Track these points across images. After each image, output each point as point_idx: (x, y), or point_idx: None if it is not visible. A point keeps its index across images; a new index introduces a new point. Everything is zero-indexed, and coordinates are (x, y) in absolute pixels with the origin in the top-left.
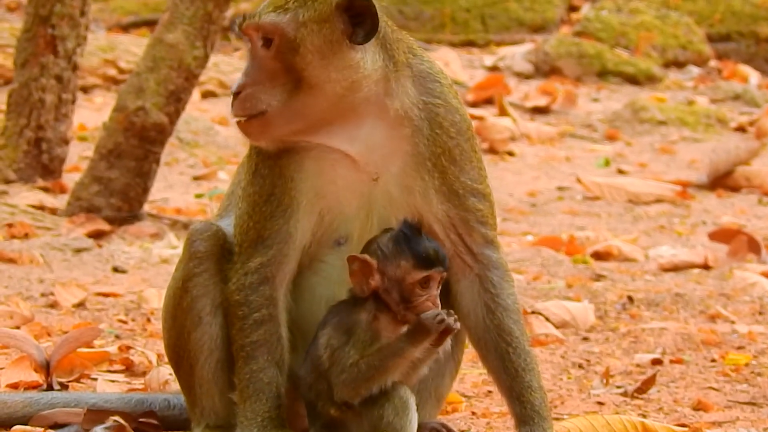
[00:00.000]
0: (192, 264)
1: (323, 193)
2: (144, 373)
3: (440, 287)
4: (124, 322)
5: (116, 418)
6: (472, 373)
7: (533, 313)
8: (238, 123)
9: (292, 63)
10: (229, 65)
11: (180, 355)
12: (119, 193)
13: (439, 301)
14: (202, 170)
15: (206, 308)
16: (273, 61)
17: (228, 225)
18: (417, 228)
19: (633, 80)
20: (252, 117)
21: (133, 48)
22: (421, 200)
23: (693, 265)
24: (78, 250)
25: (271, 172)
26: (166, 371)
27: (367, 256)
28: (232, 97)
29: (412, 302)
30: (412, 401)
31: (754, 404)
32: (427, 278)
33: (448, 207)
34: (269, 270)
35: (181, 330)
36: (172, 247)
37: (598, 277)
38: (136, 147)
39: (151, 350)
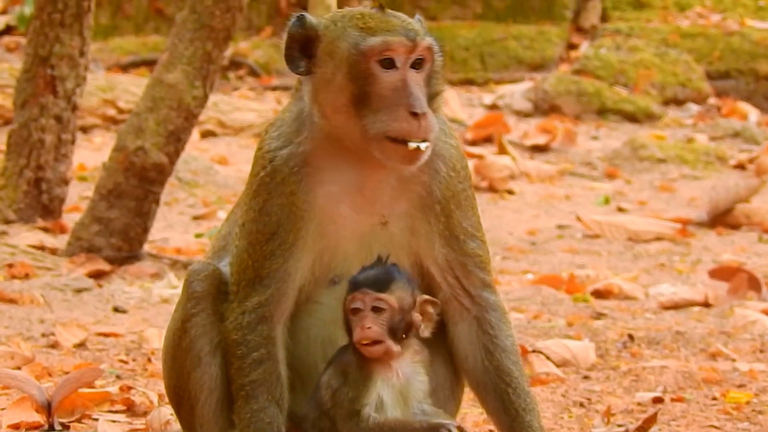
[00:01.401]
0: (190, 304)
1: (326, 232)
2: (145, 413)
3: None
4: (125, 362)
5: None
6: (472, 412)
7: (534, 351)
8: (415, 147)
9: (427, 87)
10: (228, 105)
11: (180, 395)
12: (119, 233)
13: (370, 328)
14: (201, 210)
15: (205, 348)
16: (420, 84)
17: (225, 266)
18: (380, 259)
19: (632, 118)
20: (427, 141)
21: (132, 88)
22: (425, 243)
23: (693, 303)
24: (78, 290)
25: (280, 210)
26: (168, 411)
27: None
28: (411, 116)
29: (398, 336)
30: None
31: None
32: (356, 305)
33: (448, 251)
34: (267, 309)
35: (181, 370)
36: (172, 287)
37: (599, 316)
38: (136, 187)
39: (152, 390)
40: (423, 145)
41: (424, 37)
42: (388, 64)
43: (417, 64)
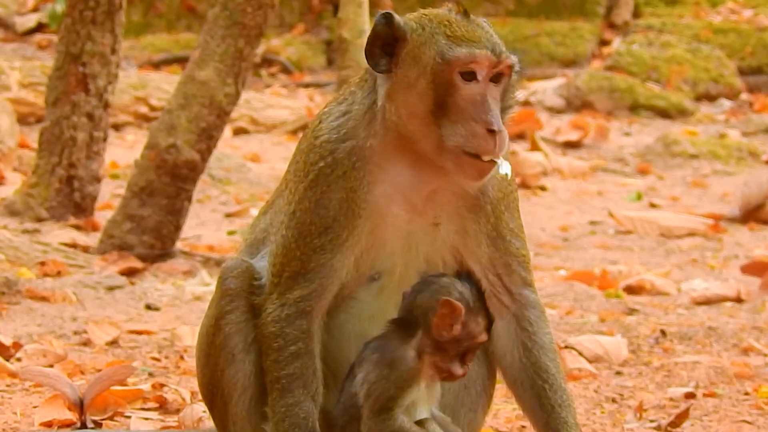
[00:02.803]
0: (224, 302)
1: (377, 230)
2: (177, 411)
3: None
4: (158, 360)
5: None
6: (505, 408)
7: (566, 347)
8: (489, 161)
9: (502, 101)
10: (260, 102)
11: (214, 392)
12: (152, 230)
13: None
14: (234, 207)
15: (239, 345)
16: (497, 98)
17: (261, 260)
18: (463, 274)
19: (664, 114)
20: (500, 159)
21: (164, 85)
22: (472, 243)
23: (725, 299)
24: (111, 288)
25: (338, 205)
26: (200, 409)
27: (460, 305)
28: (489, 133)
29: (467, 359)
30: None
31: None
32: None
33: (493, 250)
34: (308, 303)
35: (215, 368)
36: (204, 285)
37: (631, 311)
38: (168, 184)
39: (185, 388)
40: (499, 162)
41: (508, 54)
42: (470, 76)
43: (496, 78)
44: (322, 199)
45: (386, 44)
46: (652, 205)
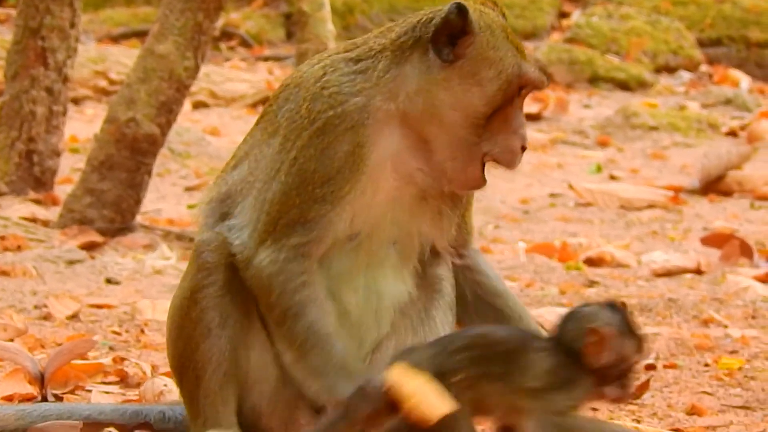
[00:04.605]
0: (200, 275)
1: (370, 189)
2: (138, 385)
3: None
4: (118, 334)
5: (111, 429)
6: None
7: None
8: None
9: None
10: (220, 75)
11: (185, 366)
12: (111, 204)
13: None
14: (194, 181)
15: (215, 320)
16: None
17: (238, 216)
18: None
19: (624, 86)
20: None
21: (123, 59)
22: (445, 223)
23: (685, 270)
24: (71, 262)
25: (344, 157)
26: (161, 382)
27: (608, 331)
28: (521, 149)
29: (627, 382)
30: None
31: (747, 408)
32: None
33: (457, 231)
34: (306, 249)
35: (188, 341)
36: (164, 258)
37: (591, 284)
38: (128, 158)
39: (146, 361)
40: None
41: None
42: (522, 92)
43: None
44: (329, 149)
45: (451, 34)
46: (612, 177)
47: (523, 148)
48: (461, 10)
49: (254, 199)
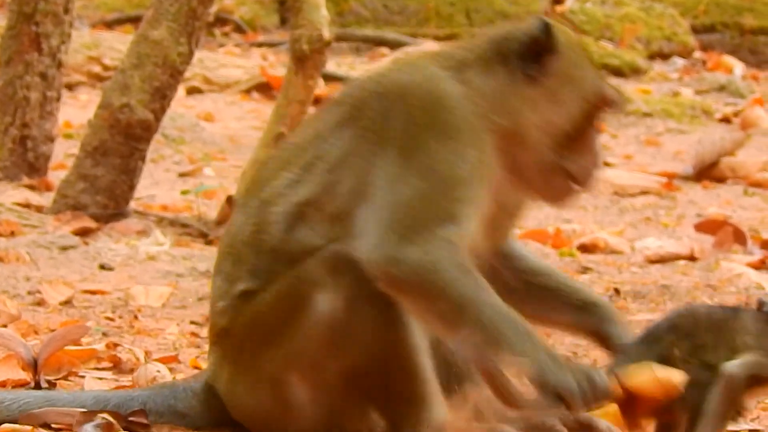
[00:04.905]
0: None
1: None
2: (132, 371)
3: None
4: (111, 320)
5: (104, 415)
6: None
7: None
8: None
9: None
10: (214, 61)
11: (392, 367)
12: (105, 190)
13: None
14: (187, 167)
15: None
16: None
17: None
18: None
19: (618, 72)
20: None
21: (117, 45)
22: (511, 228)
23: (679, 257)
24: (64, 248)
25: (475, 162)
26: (154, 368)
27: None
28: (597, 168)
29: None
30: None
31: None
32: None
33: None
34: (457, 241)
35: (387, 338)
36: (158, 244)
37: (585, 270)
38: (122, 144)
39: (139, 347)
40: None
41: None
42: (599, 114)
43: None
44: (461, 153)
45: (538, 52)
46: (606, 164)
47: (599, 169)
48: (547, 28)
49: (378, 207)
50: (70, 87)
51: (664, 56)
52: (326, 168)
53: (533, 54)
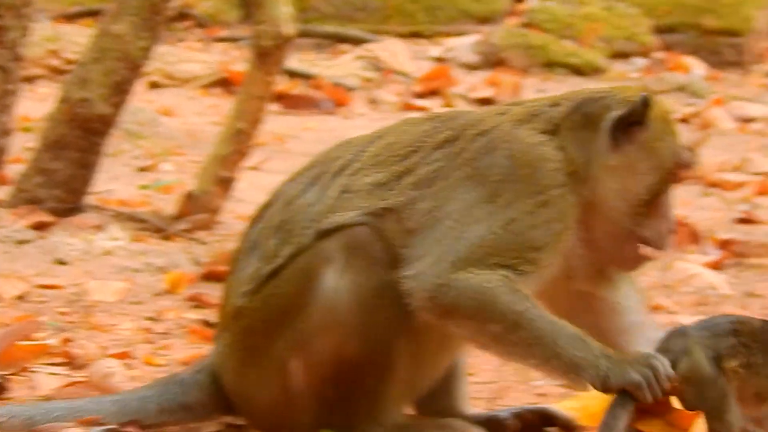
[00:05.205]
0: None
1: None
2: (84, 366)
3: None
4: (66, 314)
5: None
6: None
7: None
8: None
9: None
10: (174, 56)
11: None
12: (63, 184)
13: None
14: (146, 161)
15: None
16: None
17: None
18: None
19: (579, 71)
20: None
21: (78, 38)
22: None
23: None
24: (20, 242)
25: (558, 232)
26: (107, 364)
27: None
28: (670, 233)
29: None
30: None
31: None
32: None
33: None
34: (515, 279)
35: (377, 338)
36: (114, 239)
37: None
38: (81, 138)
39: (93, 342)
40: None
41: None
42: (675, 179)
43: None
44: (549, 223)
45: (628, 123)
46: None
47: (672, 232)
48: (647, 103)
49: (444, 235)
50: (30, 80)
51: (625, 56)
52: (414, 182)
53: (624, 125)
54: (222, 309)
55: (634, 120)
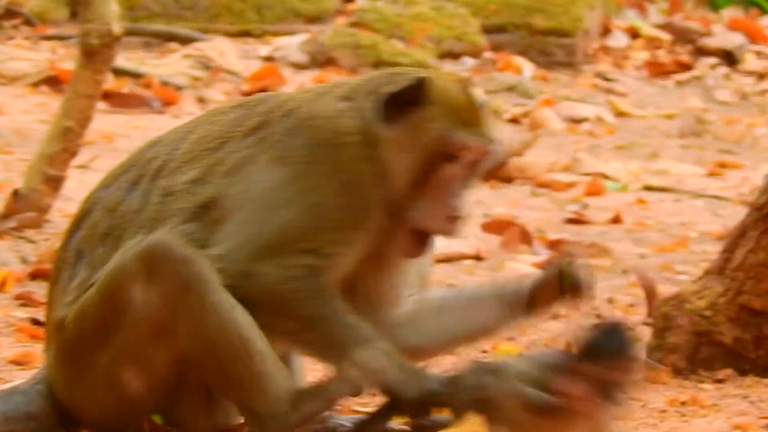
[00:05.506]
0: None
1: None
2: None
3: None
4: None
5: None
6: None
7: None
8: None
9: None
10: (2, 54)
11: (223, 350)
12: None
13: None
14: None
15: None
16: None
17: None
18: None
19: None
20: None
21: None
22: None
23: (465, 256)
24: None
25: (360, 212)
26: None
27: None
28: (450, 219)
29: None
30: None
31: None
32: None
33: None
34: (318, 269)
35: (210, 326)
36: None
37: None
38: None
39: None
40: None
41: (495, 144)
42: (453, 159)
43: (474, 163)
44: (352, 204)
45: (403, 101)
46: None
47: (454, 218)
48: (420, 84)
49: (249, 221)
50: None
51: (455, 56)
52: (225, 171)
53: (398, 103)
54: (46, 320)
55: (408, 98)
